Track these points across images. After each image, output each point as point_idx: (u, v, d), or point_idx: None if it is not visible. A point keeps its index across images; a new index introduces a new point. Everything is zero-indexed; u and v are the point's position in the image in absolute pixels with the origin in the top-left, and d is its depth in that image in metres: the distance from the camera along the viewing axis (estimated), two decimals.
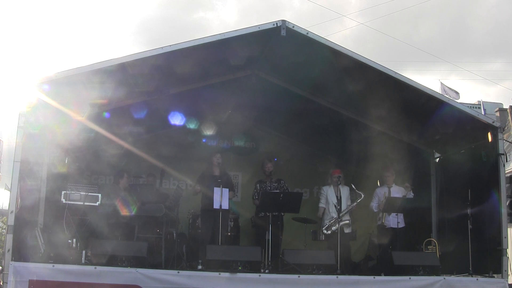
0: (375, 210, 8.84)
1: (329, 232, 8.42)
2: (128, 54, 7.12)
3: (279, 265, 7.40)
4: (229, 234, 8.92)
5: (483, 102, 27.89)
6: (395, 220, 8.37)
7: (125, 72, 7.30)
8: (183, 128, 10.32)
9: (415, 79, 7.88)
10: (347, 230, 8.60)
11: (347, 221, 8.58)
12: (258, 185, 9.10)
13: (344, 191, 8.72)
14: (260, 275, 6.79)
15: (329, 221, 8.51)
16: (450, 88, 24.42)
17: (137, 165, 10.09)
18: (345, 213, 8.56)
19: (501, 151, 7.72)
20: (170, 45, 7.09)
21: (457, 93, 24.15)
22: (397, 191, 8.79)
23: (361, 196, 8.60)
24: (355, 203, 8.63)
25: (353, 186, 8.65)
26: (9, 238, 6.25)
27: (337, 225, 8.22)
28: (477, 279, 7.30)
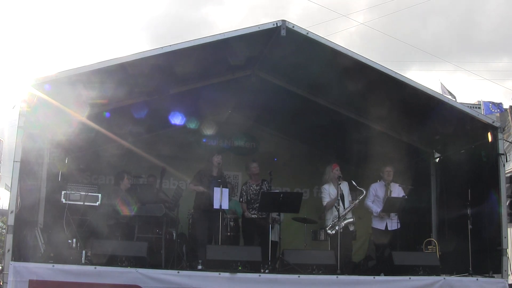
0: (372, 209, 8.64)
1: (334, 232, 8.20)
2: (129, 54, 7.12)
3: (279, 265, 7.40)
4: (229, 234, 8.92)
5: (483, 102, 27.85)
6: (384, 223, 8.47)
7: (125, 72, 7.29)
8: (183, 128, 10.34)
9: (420, 77, 7.96)
10: (351, 228, 8.51)
11: (351, 219, 8.47)
12: (244, 186, 9.06)
13: (345, 187, 8.59)
14: (260, 275, 6.77)
15: (333, 221, 8.31)
16: (448, 91, 24.40)
17: (137, 165, 10.09)
18: (349, 211, 8.43)
19: (501, 151, 7.72)
20: (170, 45, 7.08)
21: (453, 96, 24.06)
22: (396, 190, 8.75)
23: (363, 193, 8.55)
24: (357, 201, 8.53)
25: (353, 182, 8.54)
26: (9, 238, 6.24)
27: (340, 224, 8.04)
28: (477, 279, 7.28)
